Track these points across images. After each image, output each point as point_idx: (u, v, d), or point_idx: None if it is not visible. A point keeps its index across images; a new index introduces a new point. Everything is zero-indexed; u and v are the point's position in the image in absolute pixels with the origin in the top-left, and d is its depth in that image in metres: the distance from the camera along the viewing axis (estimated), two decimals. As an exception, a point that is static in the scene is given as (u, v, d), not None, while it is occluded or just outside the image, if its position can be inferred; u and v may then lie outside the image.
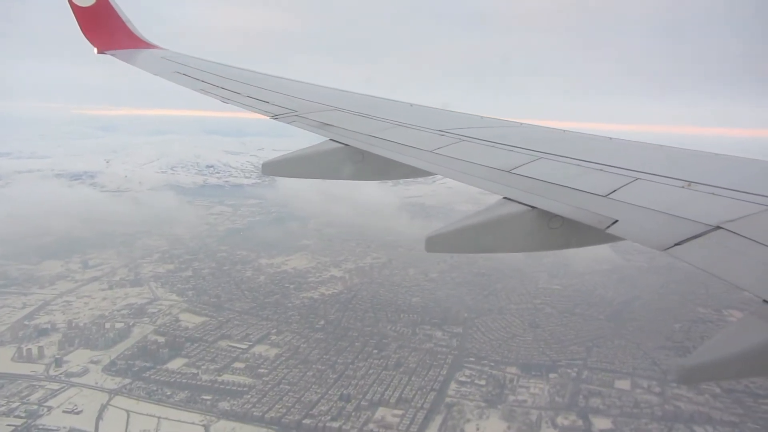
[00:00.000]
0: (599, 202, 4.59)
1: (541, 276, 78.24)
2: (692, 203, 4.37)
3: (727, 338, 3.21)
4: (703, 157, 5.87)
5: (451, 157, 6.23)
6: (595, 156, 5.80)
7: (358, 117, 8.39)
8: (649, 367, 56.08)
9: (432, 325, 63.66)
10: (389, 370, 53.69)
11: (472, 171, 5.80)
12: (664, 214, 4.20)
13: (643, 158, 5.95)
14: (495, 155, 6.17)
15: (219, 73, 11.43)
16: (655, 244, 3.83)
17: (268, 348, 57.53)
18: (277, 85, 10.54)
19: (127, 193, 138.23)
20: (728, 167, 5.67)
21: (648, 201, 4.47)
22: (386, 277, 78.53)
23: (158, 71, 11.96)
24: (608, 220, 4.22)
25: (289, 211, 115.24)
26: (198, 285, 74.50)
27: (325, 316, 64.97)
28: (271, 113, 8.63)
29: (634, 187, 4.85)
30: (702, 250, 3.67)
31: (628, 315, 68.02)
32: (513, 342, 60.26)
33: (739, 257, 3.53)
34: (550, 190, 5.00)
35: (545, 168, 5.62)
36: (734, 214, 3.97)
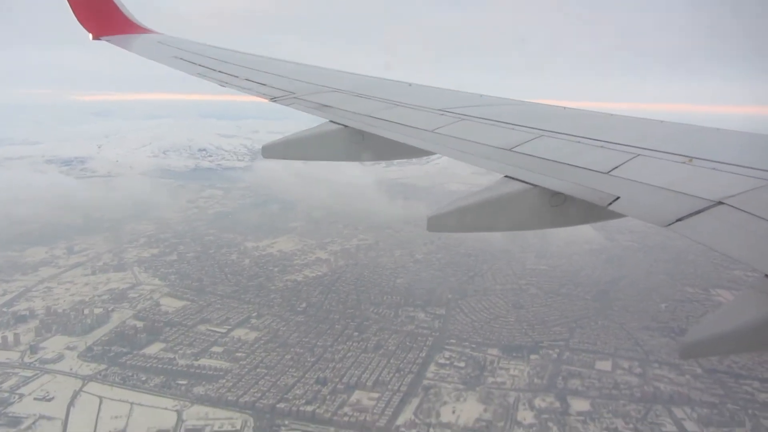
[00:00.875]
0: (600, 179, 4.58)
1: (528, 257, 77.61)
2: (694, 179, 4.33)
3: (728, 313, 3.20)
4: (704, 132, 5.84)
5: (452, 137, 6.19)
6: (596, 133, 5.78)
7: (357, 98, 8.31)
8: (631, 347, 55.55)
9: (415, 307, 63.11)
10: (368, 353, 53.19)
11: (473, 150, 5.76)
12: (666, 190, 4.20)
13: (644, 134, 5.90)
14: (496, 134, 6.12)
15: (216, 56, 11.36)
16: (657, 220, 3.86)
17: (247, 332, 57.02)
18: (275, 68, 10.47)
19: (118, 178, 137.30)
20: (729, 142, 5.64)
21: (649, 177, 4.45)
22: (372, 259, 77.88)
23: (155, 56, 11.86)
24: (610, 197, 4.22)
25: (278, 194, 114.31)
26: (182, 269, 73.92)
27: (307, 299, 64.41)
28: (270, 96, 8.60)
29: (636, 163, 4.83)
30: (704, 226, 3.67)
31: (614, 295, 67.36)
32: (496, 323, 59.70)
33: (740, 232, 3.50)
34: (552, 168, 4.98)
35: (546, 146, 5.60)
36: (736, 189, 3.96)
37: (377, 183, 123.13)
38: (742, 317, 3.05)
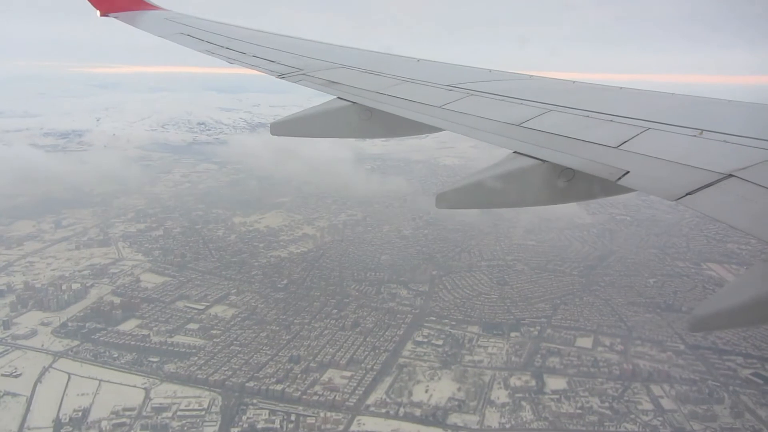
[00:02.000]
0: (610, 154, 4.53)
1: (517, 231, 76.27)
2: (704, 152, 4.29)
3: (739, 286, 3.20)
4: (715, 104, 5.78)
5: (460, 113, 6.13)
6: (605, 107, 5.71)
7: (365, 74, 8.24)
8: (614, 324, 54.59)
9: (398, 284, 62.26)
10: (345, 331, 52.45)
11: (482, 126, 5.70)
12: (676, 163, 4.14)
13: (653, 108, 5.82)
14: (504, 109, 6.08)
15: (224, 33, 11.31)
16: (667, 194, 3.81)
17: (225, 308, 56.40)
18: (283, 44, 10.38)
19: (113, 151, 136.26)
20: (740, 114, 5.55)
21: (659, 151, 4.40)
22: (359, 235, 76.91)
23: (163, 33, 11.78)
24: (619, 172, 4.17)
25: (269, 169, 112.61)
26: (166, 245, 73.29)
27: (289, 276, 63.64)
28: (278, 72, 8.57)
29: (645, 137, 4.76)
30: (714, 199, 3.62)
31: (602, 270, 66.19)
32: (478, 300, 58.72)
33: (751, 205, 3.45)
34: (561, 143, 4.92)
35: (555, 120, 5.53)
36: (746, 162, 3.89)
37: (371, 157, 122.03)
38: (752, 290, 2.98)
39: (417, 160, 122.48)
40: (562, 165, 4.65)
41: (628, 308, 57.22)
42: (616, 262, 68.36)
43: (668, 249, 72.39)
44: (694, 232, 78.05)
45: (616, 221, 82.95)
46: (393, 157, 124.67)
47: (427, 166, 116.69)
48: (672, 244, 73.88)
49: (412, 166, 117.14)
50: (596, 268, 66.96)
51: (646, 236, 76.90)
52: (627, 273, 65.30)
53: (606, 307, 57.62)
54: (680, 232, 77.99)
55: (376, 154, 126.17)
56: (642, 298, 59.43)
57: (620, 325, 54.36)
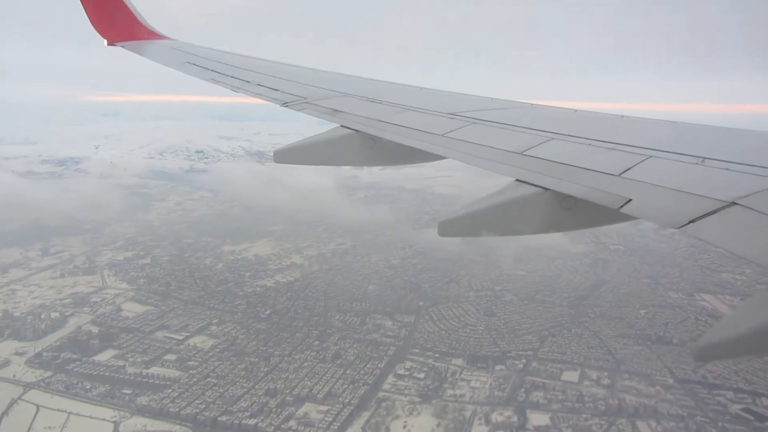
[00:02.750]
0: (612, 182, 4.55)
1: (506, 261, 75.18)
2: (706, 180, 4.30)
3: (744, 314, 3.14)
4: (716, 132, 5.78)
5: (463, 140, 6.17)
6: (606, 135, 5.73)
7: (368, 102, 8.29)
8: (602, 356, 53.19)
9: (384, 314, 61.09)
10: (325, 363, 51.21)
11: (484, 154, 5.73)
12: (678, 191, 4.15)
13: (655, 135, 5.85)
14: (506, 137, 6.11)
15: (229, 62, 11.45)
16: (670, 222, 3.79)
17: (205, 339, 55.31)
18: (287, 73, 10.51)
19: (109, 179, 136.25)
20: (741, 142, 5.57)
21: (661, 179, 4.41)
22: (347, 264, 75.93)
23: (168, 62, 11.96)
24: (622, 200, 4.18)
25: (265, 197, 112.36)
26: (152, 273, 72.43)
27: (273, 306, 62.59)
28: (281, 101, 8.60)
29: (647, 165, 4.78)
30: (717, 227, 3.62)
31: (593, 301, 64.95)
32: (464, 332, 57.49)
33: (755, 233, 3.42)
34: (563, 171, 4.94)
35: (557, 148, 5.56)
36: (749, 189, 3.91)
37: (366, 186, 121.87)
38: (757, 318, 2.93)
39: (411, 188, 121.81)
40: (564, 193, 4.61)
41: (618, 340, 55.90)
42: (608, 293, 67.15)
43: (661, 279, 71.19)
44: (688, 261, 76.94)
45: (609, 251, 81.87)
46: (387, 186, 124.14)
47: (421, 195, 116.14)
48: (665, 274, 72.69)
49: (406, 195, 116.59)
50: (587, 298, 65.75)
51: (639, 266, 75.76)
52: (618, 304, 64.06)
53: (595, 339, 56.34)
54: (674, 262, 76.82)
55: (370, 183, 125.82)
56: (632, 329, 58.13)
57: (608, 358, 52.98)
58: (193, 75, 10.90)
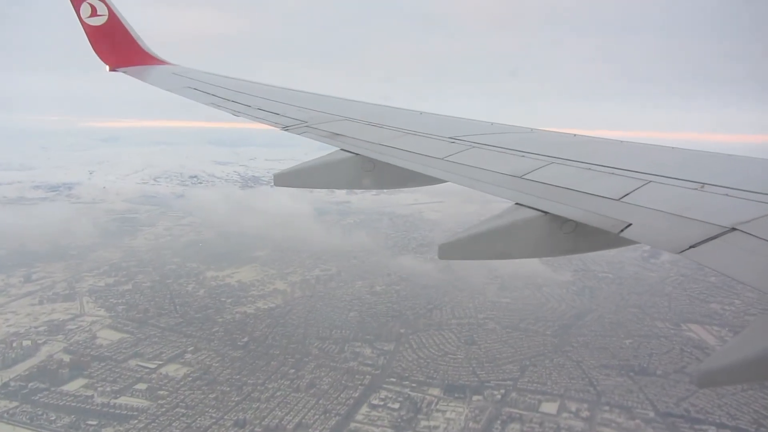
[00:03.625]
0: (612, 206, 4.56)
1: (491, 289, 74.13)
2: (706, 205, 4.34)
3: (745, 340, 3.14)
4: (716, 158, 5.80)
5: (463, 164, 6.22)
6: (606, 159, 5.74)
7: (368, 126, 8.35)
8: (583, 388, 51.98)
9: (363, 342, 60.01)
10: (299, 392, 50.05)
11: (484, 177, 5.76)
12: (678, 216, 4.17)
13: (655, 161, 5.82)
14: (506, 161, 6.15)
15: (230, 86, 11.54)
16: (670, 246, 3.81)
17: (178, 367, 54.19)
18: (287, 97, 10.56)
19: (100, 204, 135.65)
20: (741, 168, 5.59)
21: (661, 204, 4.43)
22: (330, 290, 74.89)
23: (170, 87, 12.04)
24: (621, 224, 4.20)
25: (254, 222, 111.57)
26: (132, 300, 71.38)
27: (251, 333, 61.57)
28: (282, 125, 8.66)
29: (647, 189, 4.80)
30: (717, 252, 3.63)
31: (577, 330, 63.75)
32: (443, 360, 56.35)
33: (755, 259, 3.43)
34: (562, 195, 4.97)
35: (557, 172, 5.58)
36: (749, 215, 3.92)
37: (356, 211, 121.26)
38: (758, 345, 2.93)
39: (401, 214, 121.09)
40: (564, 216, 4.60)
41: (600, 371, 54.72)
42: (593, 322, 65.98)
43: (649, 308, 70.05)
44: (677, 291, 75.82)
45: (598, 278, 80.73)
46: (377, 211, 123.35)
47: (410, 220, 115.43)
48: (653, 304, 71.54)
49: (396, 220, 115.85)
50: (571, 327, 64.57)
51: (628, 295, 74.61)
52: (603, 333, 62.90)
53: (577, 369, 55.16)
54: (663, 291, 75.72)
55: (360, 208, 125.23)
56: (616, 360, 56.99)
57: (589, 389, 51.80)
58: (195, 100, 10.96)
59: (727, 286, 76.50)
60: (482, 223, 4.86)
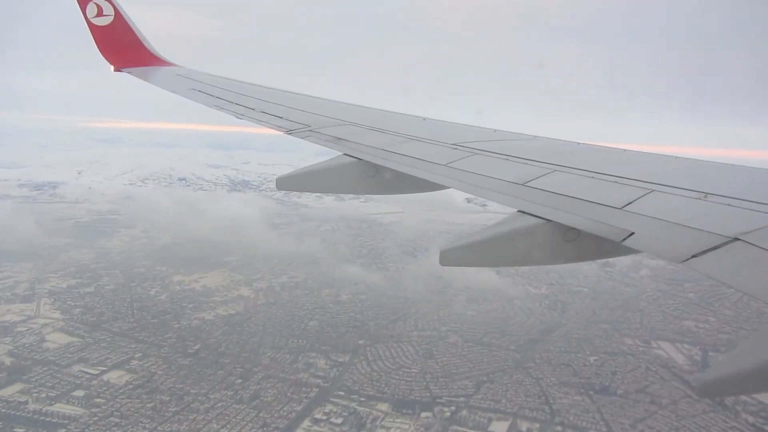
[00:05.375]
0: (615, 215, 4.52)
1: (459, 300, 72.25)
2: (709, 215, 4.31)
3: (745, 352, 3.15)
4: (719, 168, 5.78)
5: (465, 171, 6.16)
6: (609, 168, 5.68)
7: (371, 131, 8.29)
8: (538, 406, 50.02)
9: (318, 353, 58.21)
10: (241, 404, 48.24)
11: (486, 184, 5.71)
12: (681, 225, 4.15)
13: (658, 170, 5.75)
14: (509, 168, 6.10)
15: (234, 89, 11.46)
16: (672, 256, 3.79)
17: (122, 374, 52.50)
18: (291, 101, 10.50)
19: (83, 204, 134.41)
20: (744, 178, 5.54)
21: (664, 213, 4.41)
22: (295, 298, 73.08)
23: (174, 88, 11.99)
24: (624, 233, 4.18)
25: (233, 226, 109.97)
26: (90, 302, 69.81)
27: (205, 340, 59.85)
28: (285, 128, 8.62)
29: (650, 198, 4.78)
30: (720, 262, 3.62)
31: (542, 345, 61.76)
32: (396, 374, 54.48)
33: (758, 269, 3.42)
34: (565, 203, 4.93)
35: (560, 180, 5.52)
36: (752, 225, 3.91)
37: (339, 218, 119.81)
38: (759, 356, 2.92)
39: (384, 222, 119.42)
40: (566, 225, 4.56)
41: (559, 389, 52.75)
42: (560, 337, 63.99)
43: (620, 325, 68.02)
44: (651, 307, 73.80)
45: (572, 292, 78.72)
46: (359, 218, 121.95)
47: (390, 228, 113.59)
48: (625, 320, 69.52)
49: (375, 228, 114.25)
50: (537, 342, 62.61)
51: (600, 310, 72.61)
52: (568, 349, 60.93)
53: (535, 386, 53.18)
54: (637, 307, 73.72)
55: (344, 215, 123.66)
56: (577, 377, 55.00)
57: (544, 408, 49.81)
58: (198, 102, 10.88)
59: (704, 303, 74.67)
60: (484, 230, 4.81)
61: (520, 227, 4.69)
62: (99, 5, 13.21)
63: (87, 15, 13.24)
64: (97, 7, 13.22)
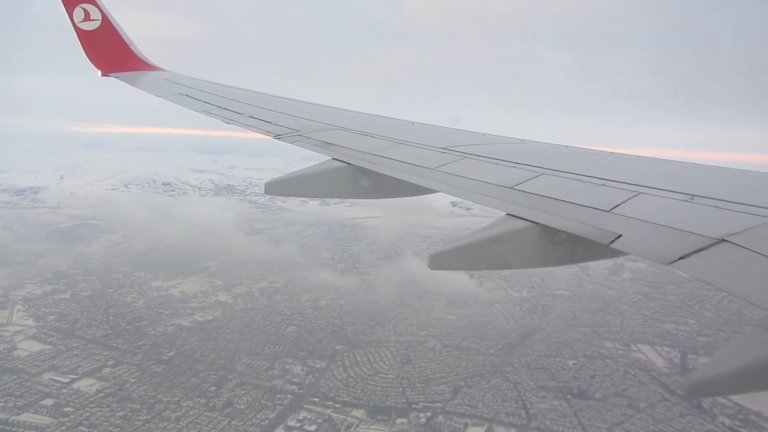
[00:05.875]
0: (602, 217, 4.55)
1: (439, 305, 71.82)
2: (696, 216, 4.34)
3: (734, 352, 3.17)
4: (706, 170, 5.81)
5: (454, 174, 6.18)
6: (597, 171, 5.71)
7: (360, 136, 8.29)
8: (515, 411, 49.64)
9: (295, 359, 57.58)
10: (213, 412, 47.51)
11: (475, 188, 5.72)
12: (668, 227, 4.17)
13: (645, 172, 5.73)
14: (498, 171, 6.09)
15: (222, 94, 11.41)
16: (659, 257, 3.78)
17: (93, 382, 51.62)
18: (280, 106, 10.47)
19: (63, 209, 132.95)
20: (730, 180, 5.57)
21: (651, 215, 4.42)
22: (274, 303, 72.37)
23: (162, 93, 11.94)
24: (612, 235, 4.19)
25: (213, 231, 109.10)
26: (65, 309, 68.76)
27: (180, 347, 59.02)
28: (274, 133, 8.58)
29: (637, 201, 4.81)
30: (707, 264, 3.64)
31: (521, 350, 61.44)
32: (373, 380, 53.95)
33: (744, 270, 3.47)
34: (553, 206, 4.94)
35: (548, 183, 5.53)
36: (738, 227, 3.94)
37: (321, 222, 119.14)
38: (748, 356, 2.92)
39: (367, 226, 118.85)
40: (554, 227, 4.56)
41: (536, 393, 52.43)
42: (539, 341, 63.69)
43: (600, 328, 67.85)
44: (632, 310, 73.72)
45: (553, 296, 78.49)
46: (342, 223, 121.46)
47: (372, 232, 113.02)
48: (605, 323, 69.37)
49: (357, 232, 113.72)
50: (516, 347, 62.28)
51: (581, 313, 72.40)
52: (547, 353, 60.65)
53: (513, 391, 52.83)
54: (617, 310, 73.63)
55: (327, 220, 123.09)
56: (555, 382, 54.74)
57: (521, 412, 49.44)
58: (187, 107, 10.74)
59: (685, 306, 74.75)
60: (473, 233, 4.77)
61: (509, 230, 4.69)
62: (86, 10, 13.01)
63: (74, 19, 12.99)
64: (84, 12, 13.02)
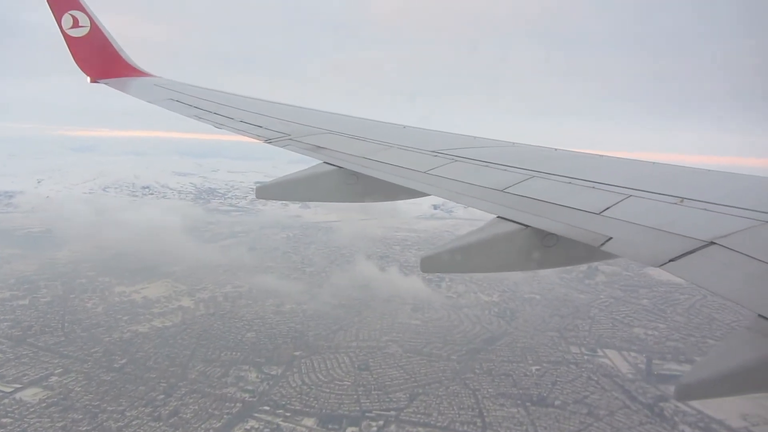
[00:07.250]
0: (593, 220, 4.56)
1: (404, 309, 70.50)
2: (685, 219, 4.34)
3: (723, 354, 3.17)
4: (695, 173, 5.87)
5: (445, 178, 6.19)
6: (587, 174, 5.74)
7: (351, 139, 8.28)
8: (470, 419, 48.36)
9: (251, 365, 56.18)
10: (158, 422, 46.03)
11: (466, 191, 5.71)
12: (658, 230, 4.17)
13: (635, 175, 5.82)
14: (488, 175, 6.12)
15: (212, 98, 11.42)
16: (649, 260, 3.79)
17: (37, 392, 50.10)
18: (270, 110, 10.54)
19: (38, 213, 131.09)
20: (720, 183, 5.52)
21: (641, 218, 4.44)
22: (236, 308, 70.87)
23: (152, 99, 11.89)
24: (602, 238, 4.19)
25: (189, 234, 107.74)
26: (21, 316, 67.09)
27: (133, 354, 57.45)
28: (265, 137, 8.54)
29: (627, 204, 4.81)
30: (696, 266, 3.65)
31: (485, 355, 60.18)
32: (328, 387, 52.55)
33: (733, 272, 3.48)
34: (544, 209, 4.96)
35: (538, 186, 5.55)
36: (727, 230, 3.96)
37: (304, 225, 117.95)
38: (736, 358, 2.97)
39: (342, 230, 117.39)
40: (545, 230, 4.52)
41: (495, 400, 51.17)
42: (504, 346, 62.43)
43: (568, 332, 66.67)
44: (602, 314, 72.59)
45: (523, 300, 77.27)
46: (319, 226, 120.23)
47: (346, 236, 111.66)
48: (574, 327, 68.20)
49: (331, 236, 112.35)
50: (480, 352, 61.00)
51: (550, 317, 71.19)
52: (511, 359, 59.39)
53: (471, 398, 51.57)
54: (588, 314, 72.46)
55: (305, 223, 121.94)
56: (516, 388, 53.46)
57: (477, 420, 48.18)
58: (177, 112, 10.64)
59: (657, 310, 73.74)
60: (464, 236, 4.77)
61: (500, 233, 4.66)
62: (74, 16, 12.90)
63: (62, 26, 12.82)
64: (72, 19, 12.89)
